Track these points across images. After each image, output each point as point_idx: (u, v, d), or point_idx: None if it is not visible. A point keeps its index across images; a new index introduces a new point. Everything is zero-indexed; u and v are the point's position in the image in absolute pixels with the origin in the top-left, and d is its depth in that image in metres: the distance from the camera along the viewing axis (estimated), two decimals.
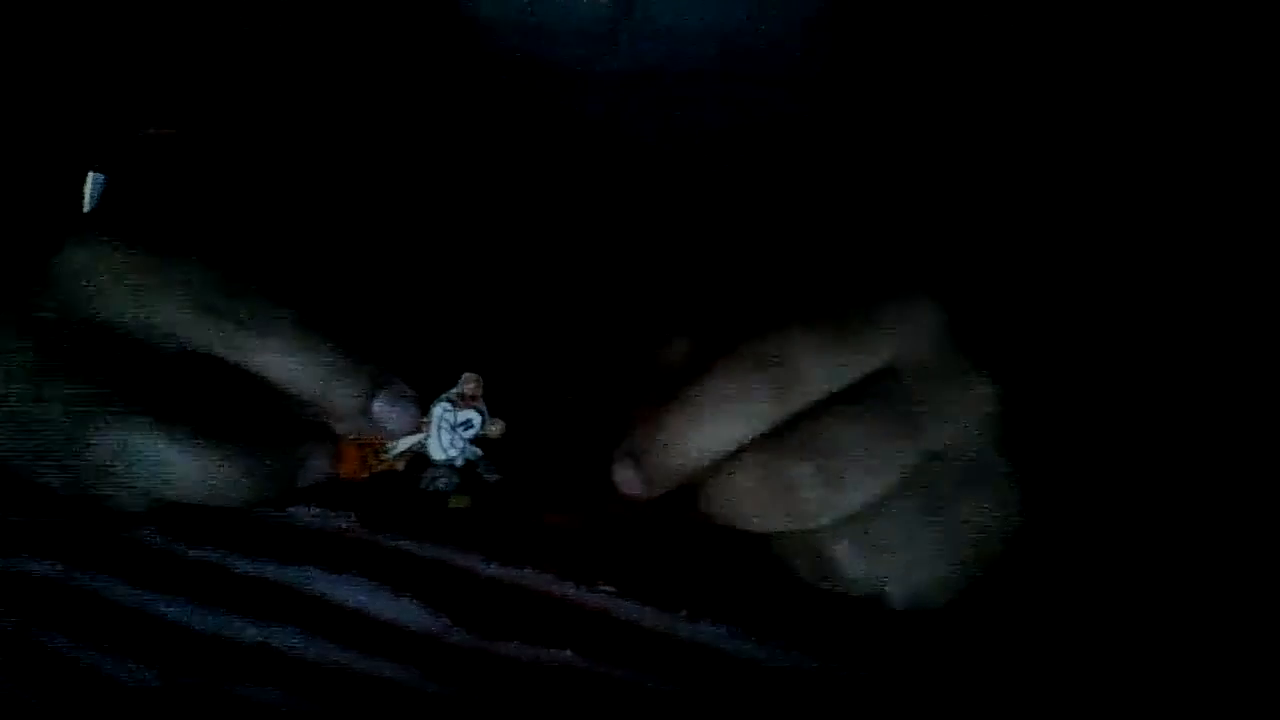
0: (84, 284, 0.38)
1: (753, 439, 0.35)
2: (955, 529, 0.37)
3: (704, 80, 0.53)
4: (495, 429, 0.41)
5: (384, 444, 0.40)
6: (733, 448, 0.35)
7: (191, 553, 0.41)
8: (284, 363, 0.37)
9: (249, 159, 0.54)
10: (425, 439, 0.40)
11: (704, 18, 0.51)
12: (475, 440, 0.41)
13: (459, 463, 0.41)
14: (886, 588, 0.37)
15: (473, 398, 0.41)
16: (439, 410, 0.41)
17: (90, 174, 0.54)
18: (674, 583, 0.40)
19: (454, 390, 0.41)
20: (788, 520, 0.35)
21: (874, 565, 0.36)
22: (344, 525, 0.42)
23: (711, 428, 0.35)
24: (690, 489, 0.37)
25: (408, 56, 0.53)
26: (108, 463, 0.37)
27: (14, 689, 0.37)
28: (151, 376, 0.38)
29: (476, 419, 0.41)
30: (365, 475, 0.40)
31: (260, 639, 0.39)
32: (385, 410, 0.39)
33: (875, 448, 0.35)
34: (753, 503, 0.35)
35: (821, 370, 0.35)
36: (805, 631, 0.40)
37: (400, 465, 0.41)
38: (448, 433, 0.41)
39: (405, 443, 0.40)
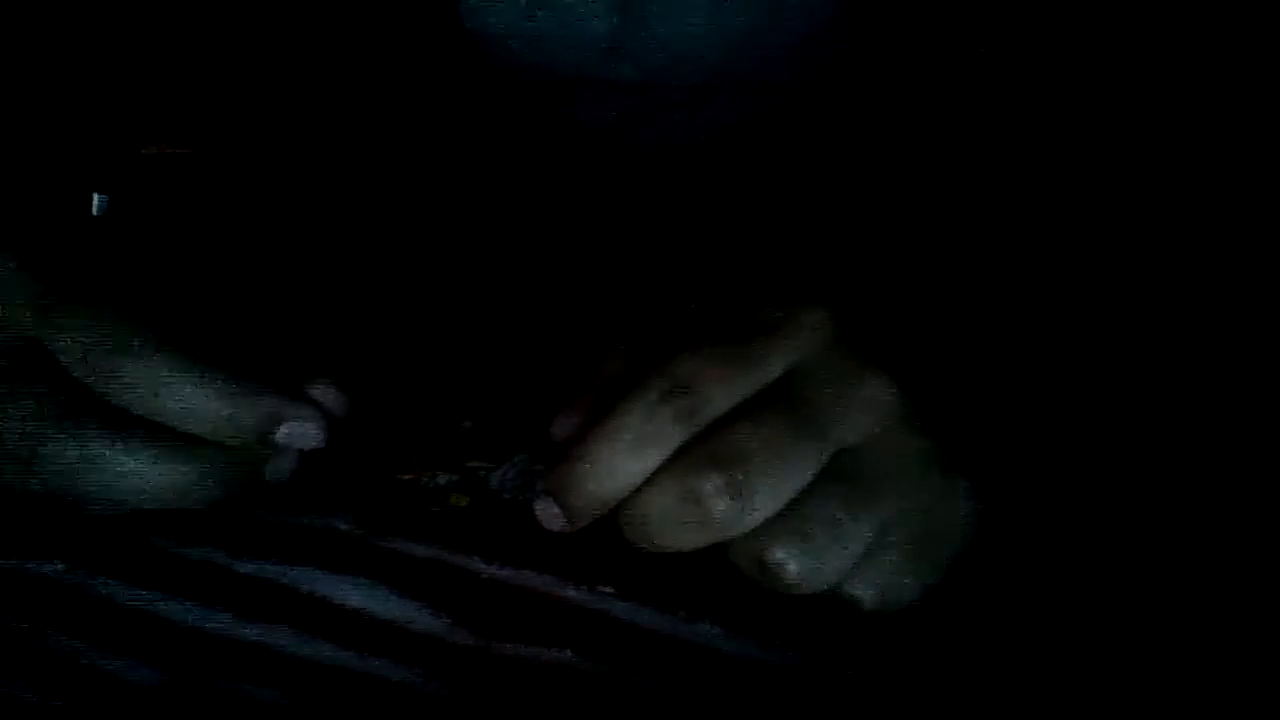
0: (14, 305, 0.38)
1: (663, 462, 0.37)
2: (896, 518, 0.38)
3: (703, 89, 0.53)
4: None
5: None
6: (646, 475, 0.37)
7: (193, 554, 0.41)
8: (178, 412, 0.38)
9: (249, 172, 0.54)
10: (494, 469, 0.41)
11: (703, 29, 0.52)
12: (528, 485, 0.41)
13: (506, 496, 0.41)
14: (852, 590, 0.39)
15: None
16: (518, 458, 0.41)
17: (95, 194, 0.54)
18: (673, 583, 0.41)
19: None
20: (704, 534, 0.37)
21: (812, 563, 0.37)
22: (344, 526, 0.42)
23: (623, 462, 0.37)
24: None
25: (409, 66, 0.53)
26: (69, 473, 0.37)
27: (18, 688, 0.37)
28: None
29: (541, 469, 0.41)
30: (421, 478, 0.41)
31: (261, 639, 0.39)
32: (290, 434, 0.39)
33: (777, 452, 0.37)
34: (668, 522, 0.37)
35: (722, 391, 0.38)
36: (804, 632, 0.40)
37: (464, 502, 0.41)
38: (514, 476, 0.41)
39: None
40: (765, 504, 0.37)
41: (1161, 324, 0.45)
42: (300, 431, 0.39)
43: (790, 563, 0.37)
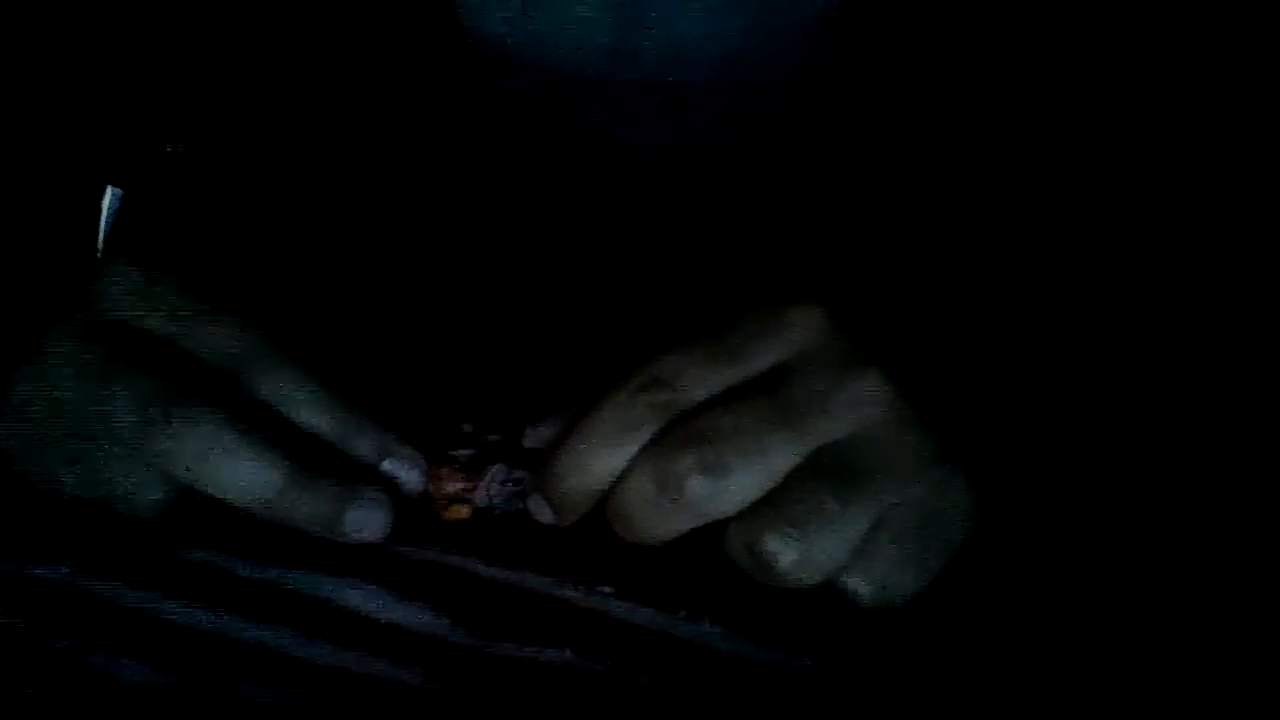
0: (127, 309, 0.40)
1: (641, 451, 0.38)
2: (892, 511, 0.38)
3: (703, 89, 0.53)
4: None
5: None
6: (625, 464, 0.38)
7: (194, 556, 0.41)
8: (300, 424, 0.40)
9: (260, 175, 0.54)
10: (475, 488, 0.41)
11: (703, 29, 0.52)
12: (520, 494, 0.41)
13: (498, 510, 0.41)
14: (850, 584, 0.39)
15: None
16: (494, 469, 0.41)
17: (109, 189, 0.54)
18: (673, 583, 0.41)
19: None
20: (684, 517, 0.38)
21: (805, 553, 0.38)
22: None
23: (601, 453, 0.38)
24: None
25: (406, 66, 0.53)
26: (177, 456, 0.38)
27: (20, 688, 0.37)
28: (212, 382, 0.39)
29: (528, 478, 0.41)
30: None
31: (261, 639, 0.39)
32: (393, 470, 0.41)
33: (752, 434, 0.37)
34: (649, 508, 0.38)
35: (699, 384, 0.38)
36: (804, 632, 0.40)
37: (465, 514, 0.41)
38: (498, 484, 0.41)
39: (456, 486, 0.41)
40: (742, 484, 0.37)
41: (1162, 322, 0.45)
42: (405, 472, 0.40)
43: (783, 552, 0.37)
